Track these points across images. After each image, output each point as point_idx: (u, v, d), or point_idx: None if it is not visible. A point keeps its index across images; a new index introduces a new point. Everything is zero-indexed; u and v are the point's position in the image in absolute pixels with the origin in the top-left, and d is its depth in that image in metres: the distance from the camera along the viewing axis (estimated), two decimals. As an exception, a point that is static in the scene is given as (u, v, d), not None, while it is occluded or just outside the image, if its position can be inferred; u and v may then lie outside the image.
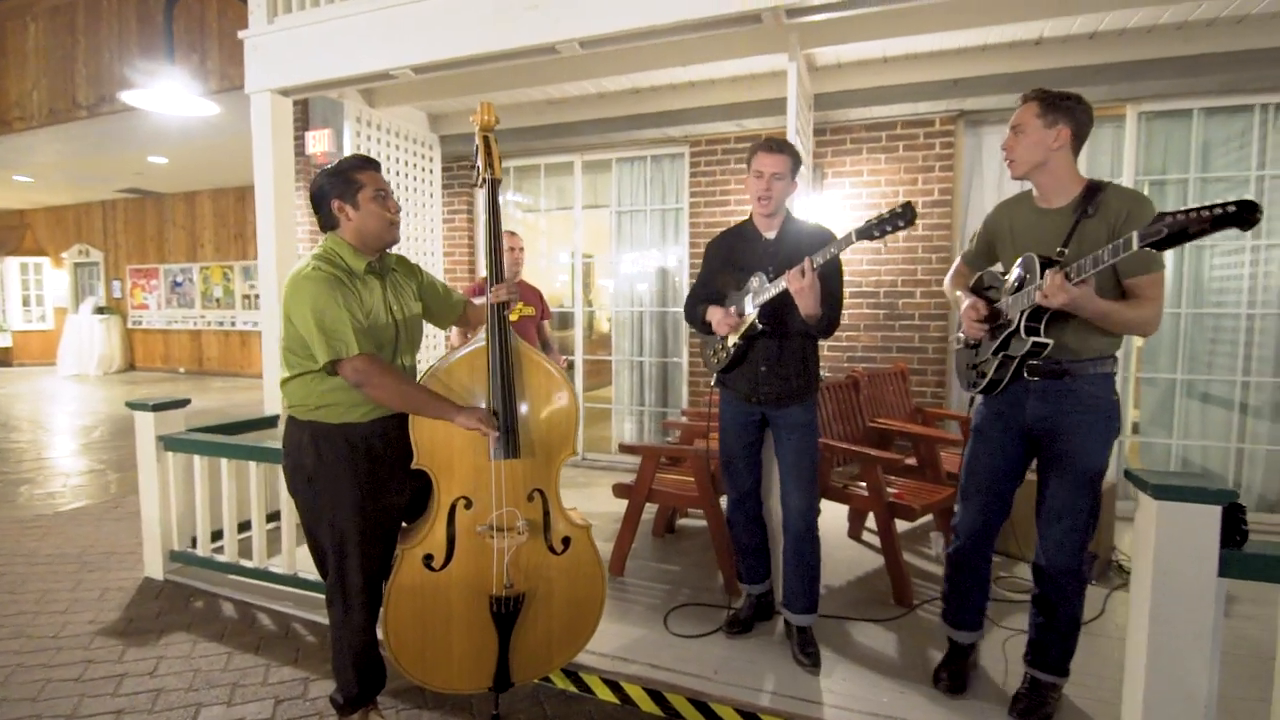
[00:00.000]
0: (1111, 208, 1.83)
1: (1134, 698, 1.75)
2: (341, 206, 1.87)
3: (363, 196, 1.86)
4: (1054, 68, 3.56)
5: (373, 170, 1.91)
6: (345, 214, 1.87)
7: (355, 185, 1.86)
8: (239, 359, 10.47)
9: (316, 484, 1.88)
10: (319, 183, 1.89)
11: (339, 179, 1.87)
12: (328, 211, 1.88)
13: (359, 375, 1.77)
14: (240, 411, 7.36)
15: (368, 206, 1.87)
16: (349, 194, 1.86)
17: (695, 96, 4.28)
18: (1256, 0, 2.99)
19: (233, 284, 10.37)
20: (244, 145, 3.69)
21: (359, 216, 1.87)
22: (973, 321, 2.03)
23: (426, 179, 4.84)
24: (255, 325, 10.22)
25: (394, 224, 1.92)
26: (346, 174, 1.87)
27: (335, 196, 1.87)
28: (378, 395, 1.82)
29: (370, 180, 1.88)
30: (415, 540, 1.96)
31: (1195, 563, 1.66)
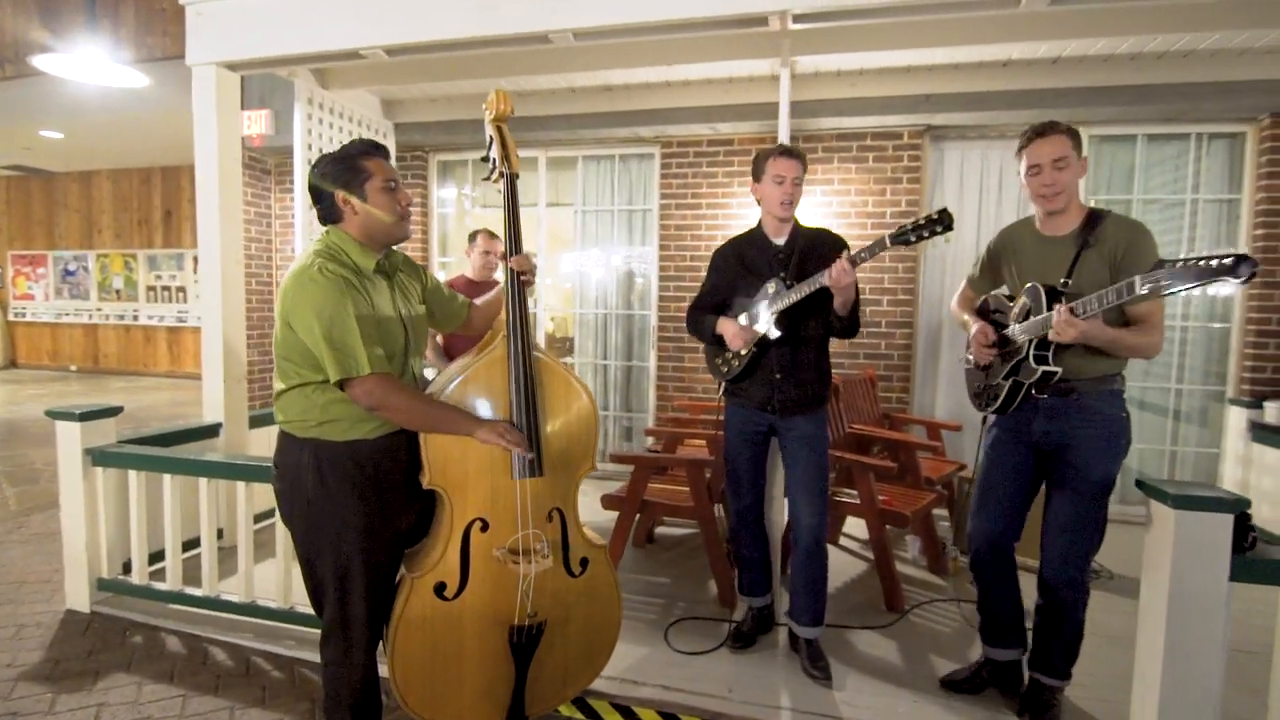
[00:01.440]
0: (1111, 238, 1.90)
1: (1149, 699, 1.81)
2: (346, 198, 1.67)
3: (370, 187, 1.67)
4: (1018, 89, 3.73)
5: (381, 158, 1.71)
6: (350, 206, 1.67)
7: (362, 174, 1.66)
8: (142, 356, 9.54)
9: (317, 509, 1.67)
10: (321, 170, 1.68)
11: (343, 167, 1.67)
12: (330, 203, 1.68)
13: (372, 399, 1.59)
14: (150, 415, 6.69)
15: (376, 198, 1.67)
16: (355, 184, 1.66)
17: (669, 97, 4.22)
18: (1204, 37, 3.22)
19: (136, 274, 9.44)
20: (159, 122, 3.32)
21: (366, 210, 1.67)
22: (982, 347, 2.08)
23: (380, 169, 4.54)
24: (162, 320, 9.36)
25: (405, 219, 1.73)
26: (352, 161, 1.67)
27: (339, 186, 1.66)
28: (392, 416, 1.65)
29: (379, 169, 1.68)
30: (425, 567, 1.78)
31: (1210, 569, 1.73)
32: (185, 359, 9.31)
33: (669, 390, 4.67)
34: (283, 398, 1.68)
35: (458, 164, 5.16)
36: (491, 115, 2.00)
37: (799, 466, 2.31)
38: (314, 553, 1.71)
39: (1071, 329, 1.76)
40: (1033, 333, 1.91)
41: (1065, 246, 1.96)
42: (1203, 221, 3.86)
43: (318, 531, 1.68)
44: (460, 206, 5.30)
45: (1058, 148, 1.92)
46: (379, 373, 1.58)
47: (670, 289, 4.65)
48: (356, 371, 1.56)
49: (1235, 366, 3.85)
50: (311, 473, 1.66)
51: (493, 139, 2.00)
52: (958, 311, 2.31)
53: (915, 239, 1.98)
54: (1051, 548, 2.01)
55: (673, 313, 4.65)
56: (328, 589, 1.71)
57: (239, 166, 3.34)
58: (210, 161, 3.21)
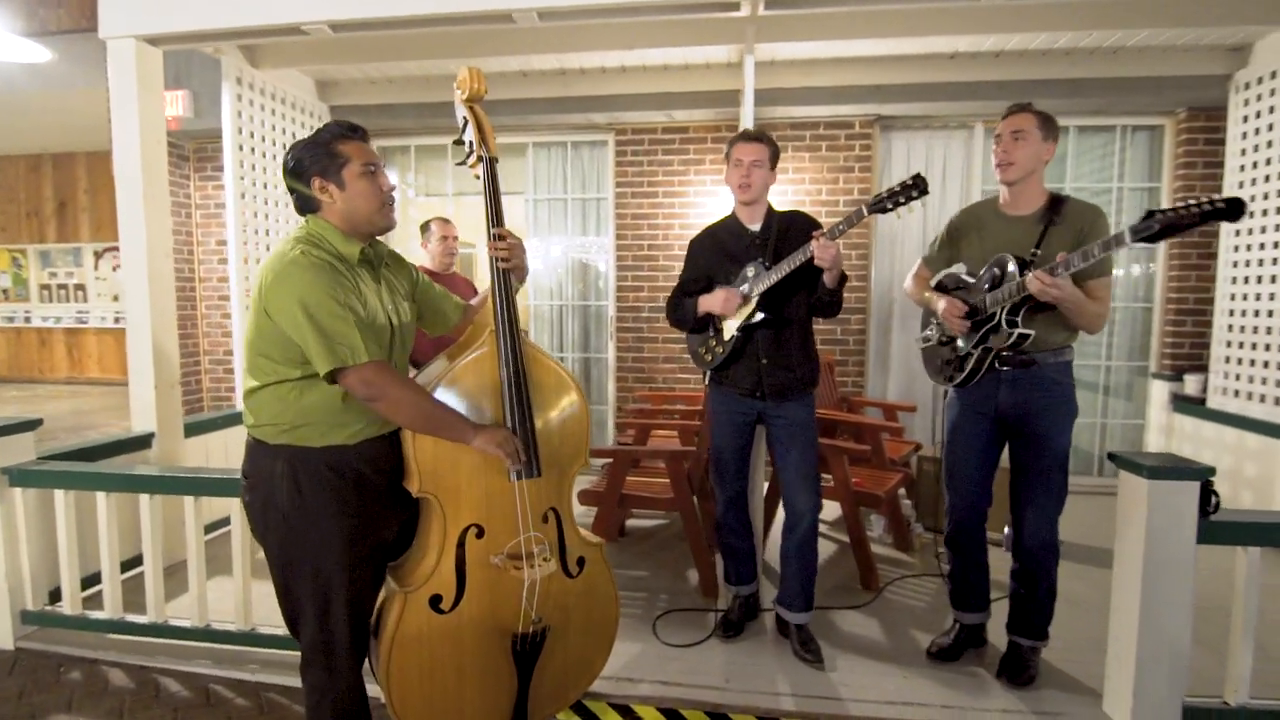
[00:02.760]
0: (1075, 218, 2.01)
1: (1125, 655, 1.93)
2: (324, 185, 1.53)
3: (349, 173, 1.54)
4: (963, 80, 3.86)
5: (358, 141, 1.58)
6: (328, 194, 1.54)
7: (339, 159, 1.53)
8: (37, 362, 8.68)
9: (294, 523, 1.53)
10: (295, 157, 1.54)
11: (319, 152, 1.53)
12: (306, 191, 1.54)
13: (371, 388, 1.47)
14: (54, 426, 6.09)
15: (355, 184, 1.54)
16: (332, 170, 1.53)
17: (625, 83, 4.14)
18: (1133, 34, 3.43)
19: (26, 272, 8.55)
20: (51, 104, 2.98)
21: (345, 197, 1.54)
22: (955, 318, 2.13)
23: (316, 155, 4.25)
24: (59, 321, 8.53)
25: (388, 205, 1.60)
26: (328, 146, 1.54)
27: (315, 173, 1.53)
28: (391, 412, 1.52)
29: (357, 153, 1.55)
30: (416, 580, 1.67)
31: (1179, 533, 1.85)
32: (88, 363, 8.54)
33: (629, 381, 4.63)
34: (254, 398, 1.54)
35: (398, 150, 4.91)
36: (464, 95, 1.88)
37: (793, 453, 2.31)
38: (291, 572, 1.57)
39: (1056, 289, 1.84)
40: (1005, 298, 1.98)
41: (1030, 224, 2.05)
42: (1127, 208, 4.13)
43: (295, 548, 1.55)
44: (403, 195, 5.05)
45: (1019, 122, 2.03)
46: (377, 360, 1.47)
47: (628, 279, 4.59)
48: (352, 359, 1.43)
49: (1157, 343, 4.16)
50: (286, 483, 1.52)
51: (467, 121, 1.89)
52: (915, 290, 2.35)
53: (892, 205, 2.00)
54: (1024, 514, 2.11)
55: (631, 303, 4.60)
56: (307, 610, 1.58)
57: (164, 151, 3.04)
58: (131, 146, 2.90)
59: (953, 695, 2.12)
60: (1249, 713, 1.91)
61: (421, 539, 1.75)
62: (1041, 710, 2.05)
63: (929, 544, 3.38)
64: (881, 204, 2.01)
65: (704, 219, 4.45)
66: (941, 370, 2.24)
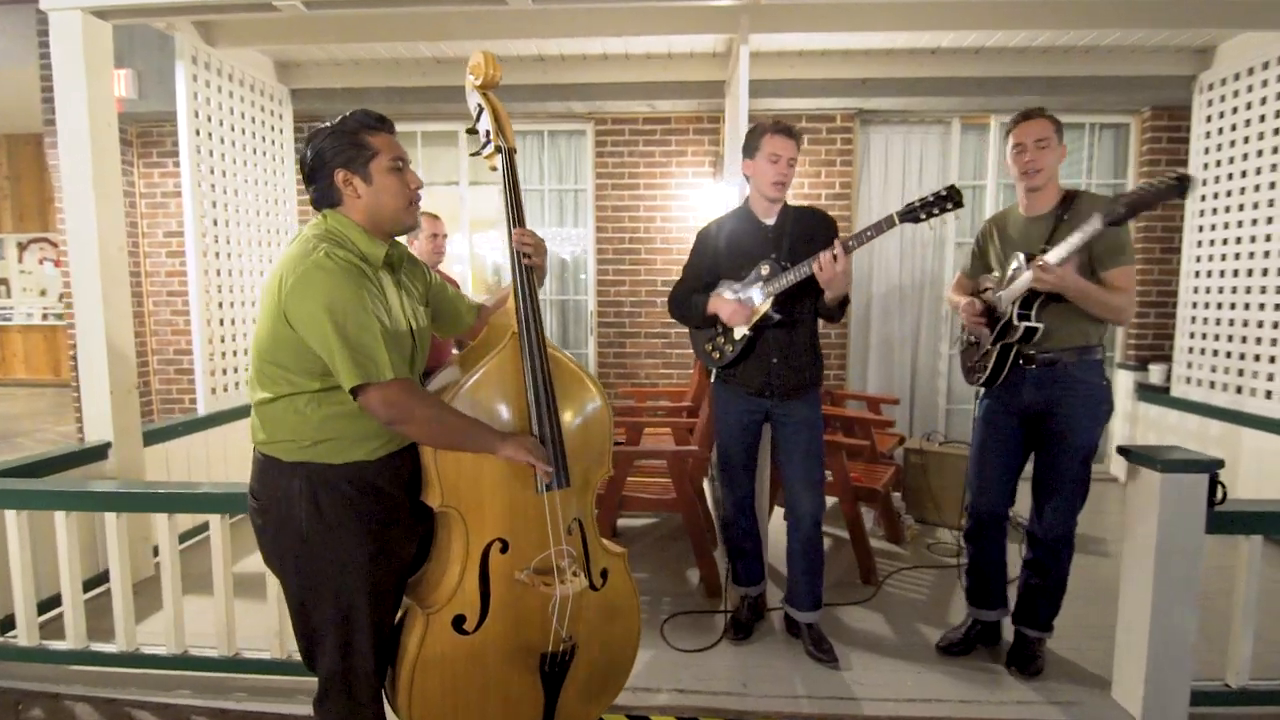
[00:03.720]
0: (1085, 211, 2.01)
1: (1137, 644, 1.96)
2: (348, 178, 1.40)
3: (376, 166, 1.41)
4: (944, 76, 3.90)
5: (387, 133, 1.45)
6: (353, 188, 1.41)
7: (367, 151, 1.41)
8: (-48, 363, 7.99)
9: (314, 545, 1.41)
10: (318, 146, 1.40)
11: (345, 142, 1.40)
12: (328, 183, 1.41)
13: (394, 410, 1.35)
14: (-21, 433, 5.60)
15: (383, 180, 1.42)
16: (358, 162, 1.40)
17: (607, 70, 4.02)
18: (1107, 34, 3.52)
19: (-63, 264, 7.84)
20: None
21: (371, 193, 1.42)
22: (971, 317, 2.16)
23: (275, 140, 4.00)
24: (-23, 318, 7.86)
25: (415, 204, 1.49)
26: (355, 135, 1.40)
27: (340, 165, 1.40)
28: (414, 433, 1.42)
29: (386, 145, 1.43)
30: (439, 600, 1.56)
31: (1190, 523, 1.89)
32: (13, 363, 7.91)
33: (610, 378, 4.54)
34: (266, 410, 1.40)
35: (364, 137, 4.66)
36: (478, 81, 1.76)
37: (799, 451, 2.28)
38: (310, 598, 1.45)
39: (1048, 274, 1.89)
40: (1016, 293, 2.01)
41: (1045, 222, 2.09)
42: (1095, 204, 4.26)
43: (315, 573, 1.43)
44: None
45: (1041, 129, 2.04)
46: (402, 378, 1.35)
47: (609, 272, 4.49)
48: (377, 376, 1.32)
49: (1122, 334, 4.32)
50: (306, 503, 1.40)
51: (483, 109, 1.76)
52: (952, 297, 2.39)
53: (925, 216, 1.98)
54: (1045, 507, 2.14)
55: (612, 297, 4.50)
56: (326, 639, 1.46)
57: (115, 135, 2.79)
58: (78, 130, 2.64)
59: (968, 690, 2.14)
60: (1250, 693, 1.98)
61: (441, 555, 1.64)
62: (1054, 701, 2.08)
63: (919, 535, 3.43)
64: (914, 213, 1.97)
65: (687, 212, 4.41)
66: (971, 371, 2.26)
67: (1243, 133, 3.44)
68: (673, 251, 4.43)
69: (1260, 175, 3.34)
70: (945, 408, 4.58)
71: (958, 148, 4.34)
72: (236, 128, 3.62)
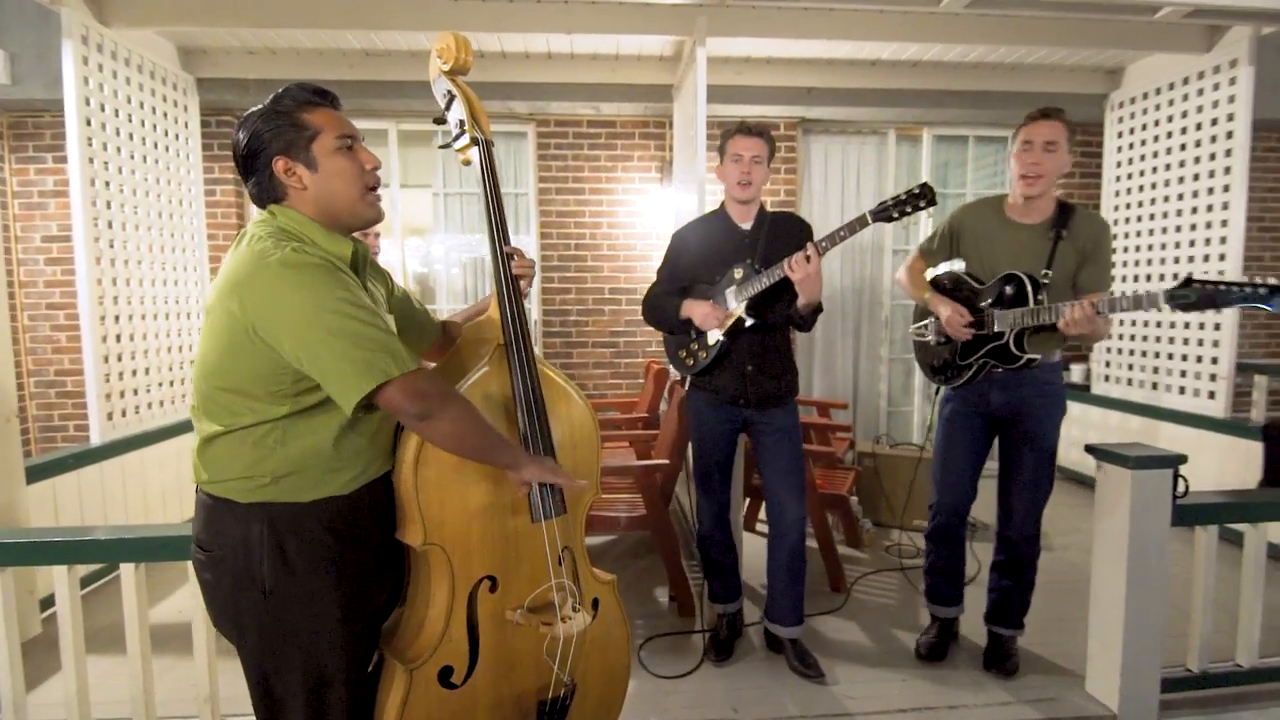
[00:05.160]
0: (1082, 232, 2.03)
1: (1111, 636, 2.01)
2: (290, 166, 1.19)
3: (320, 148, 1.19)
4: (882, 88, 4.01)
5: (328, 108, 1.24)
6: (297, 177, 1.19)
7: (306, 131, 1.19)
8: None
9: (280, 600, 1.19)
10: (250, 130, 1.18)
11: (280, 124, 1.18)
12: (267, 175, 1.19)
13: (424, 401, 1.15)
14: None
15: (330, 162, 1.20)
16: (298, 146, 1.18)
17: (551, 70, 3.88)
18: (1033, 51, 3.72)
19: None
20: None
21: (319, 180, 1.20)
22: (961, 328, 2.11)
23: (179, 134, 3.59)
24: None
25: (373, 189, 1.27)
26: (290, 115, 1.18)
27: (279, 152, 1.18)
28: (444, 431, 1.21)
29: (329, 122, 1.21)
30: (422, 651, 1.37)
31: (1157, 516, 1.96)
32: None
33: (557, 388, 4.36)
34: (213, 447, 1.18)
35: (281, 134, 4.28)
36: (447, 66, 1.59)
37: (780, 460, 2.22)
38: (274, 663, 1.23)
39: (1090, 324, 1.85)
40: (1021, 322, 1.98)
41: (1039, 235, 2.05)
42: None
43: (280, 633, 1.22)
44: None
45: (1053, 131, 1.97)
46: (422, 367, 1.17)
47: (554, 280, 4.33)
48: (396, 369, 1.12)
49: (1044, 336, 4.58)
50: (268, 551, 1.19)
51: (454, 96, 1.60)
52: (910, 284, 2.30)
53: (898, 215, 1.95)
54: (1012, 507, 2.17)
55: (558, 305, 4.34)
56: (294, 707, 1.25)
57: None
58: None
59: (953, 694, 2.13)
60: (1210, 677, 2.08)
61: (421, 599, 1.44)
62: (1034, 698, 2.11)
63: (875, 538, 3.46)
64: (886, 212, 1.95)
65: (634, 218, 4.32)
66: (939, 371, 2.25)
67: (1151, 148, 3.72)
68: (620, 258, 4.32)
69: (1168, 187, 3.62)
70: (886, 410, 4.71)
71: (893, 158, 4.48)
72: (134, 119, 3.21)
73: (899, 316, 4.66)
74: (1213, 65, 3.31)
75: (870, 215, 1.97)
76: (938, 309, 2.18)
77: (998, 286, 2.08)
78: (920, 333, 2.33)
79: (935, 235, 2.30)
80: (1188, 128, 3.48)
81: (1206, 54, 3.33)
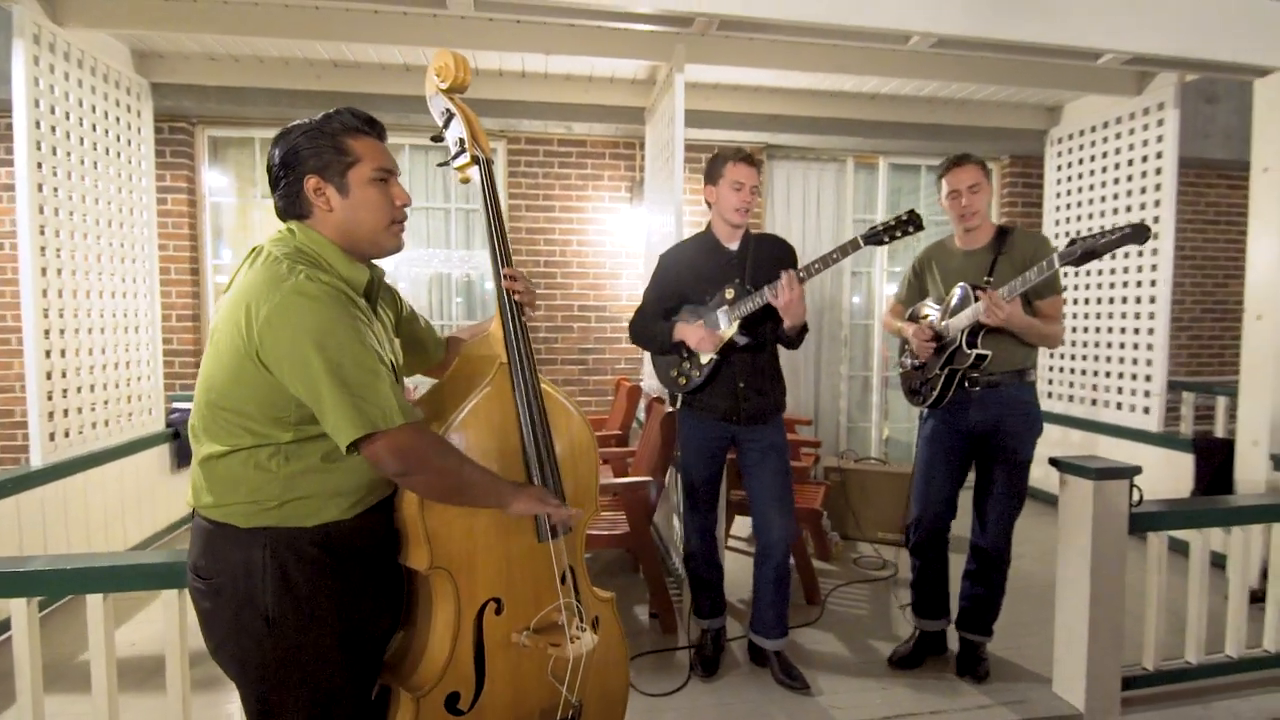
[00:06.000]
0: (1020, 247, 2.23)
1: (1077, 640, 2.13)
2: (320, 186, 1.18)
3: (355, 176, 1.19)
4: (841, 117, 4.20)
5: (373, 138, 1.24)
6: (325, 199, 1.19)
7: (346, 157, 1.19)
8: None
9: (283, 628, 1.15)
10: (290, 144, 1.17)
11: (321, 144, 1.17)
12: (296, 190, 1.18)
13: (408, 461, 1.14)
14: None
15: (363, 193, 1.20)
16: (335, 169, 1.18)
17: (523, 89, 3.89)
18: (982, 88, 3.97)
19: None
20: None
21: (347, 207, 1.20)
22: (923, 342, 2.26)
23: (132, 140, 3.43)
24: None
25: (398, 223, 1.27)
26: (334, 138, 1.18)
27: (313, 171, 1.17)
28: (425, 484, 1.21)
29: (370, 153, 1.21)
30: (428, 678, 1.34)
31: (1117, 524, 2.10)
32: None
33: (526, 406, 4.32)
34: (218, 466, 1.14)
35: (240, 142, 4.15)
36: (445, 85, 1.60)
37: (767, 476, 2.27)
38: (277, 694, 1.19)
39: (999, 309, 2.03)
40: (965, 322, 2.15)
41: (982, 255, 2.25)
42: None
43: (284, 661, 1.18)
44: (245, 195, 4.27)
45: (972, 175, 2.22)
46: (412, 421, 1.15)
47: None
48: (385, 423, 1.11)
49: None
50: (271, 577, 1.15)
51: (453, 114, 1.60)
52: (891, 323, 2.51)
53: (888, 239, 2.07)
54: (986, 519, 2.29)
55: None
56: (296, 734, 1.20)
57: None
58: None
59: (932, 700, 2.21)
60: (1163, 673, 2.22)
61: (425, 624, 1.41)
62: (1006, 701, 2.20)
63: (844, 551, 3.56)
64: (877, 236, 2.05)
65: (604, 236, 4.36)
66: (917, 393, 2.36)
67: (1088, 180, 4.01)
68: (589, 276, 4.34)
69: (1104, 218, 3.91)
70: (846, 426, 4.85)
71: (851, 184, 4.68)
72: (85, 123, 3.05)
73: (858, 336, 4.83)
74: (1142, 107, 3.62)
75: (862, 239, 2.07)
76: (905, 334, 2.36)
77: (948, 300, 2.25)
78: (901, 364, 2.46)
79: (903, 282, 2.51)
80: (1120, 163, 3.78)
81: (1137, 97, 3.64)
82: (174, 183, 3.90)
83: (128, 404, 3.35)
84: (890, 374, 4.78)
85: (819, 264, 2.08)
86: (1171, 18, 2.79)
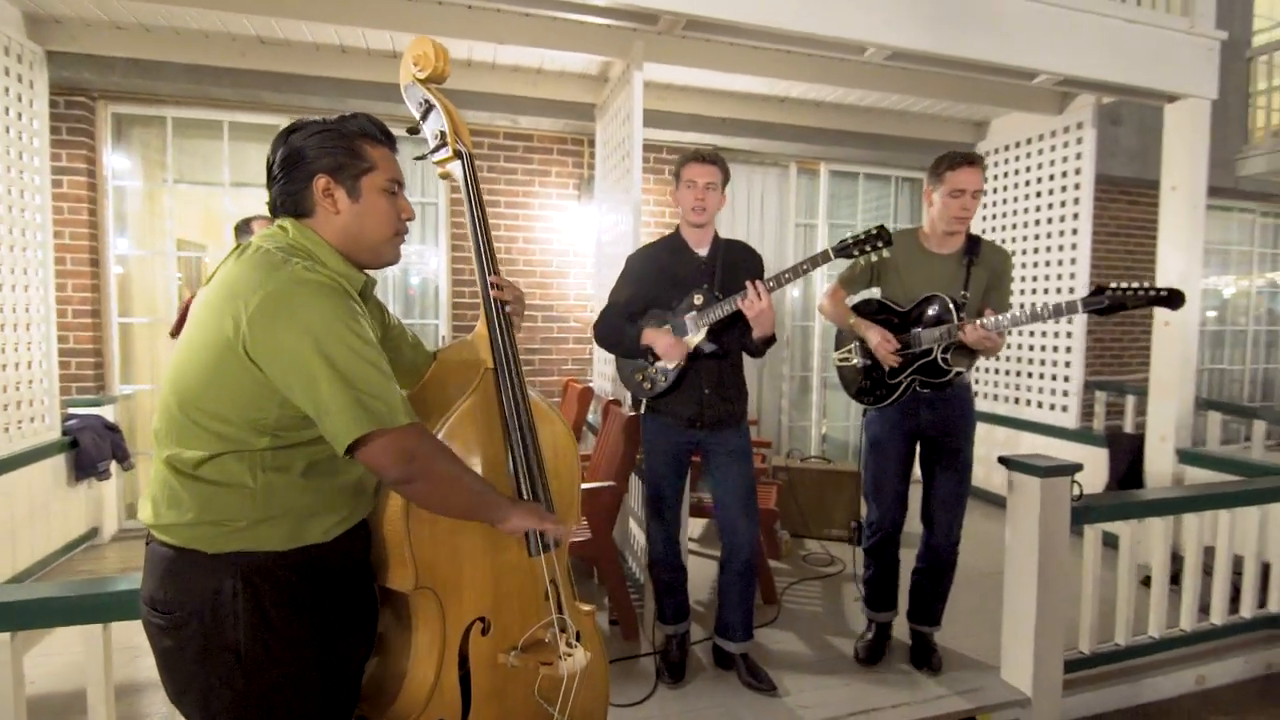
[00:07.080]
0: (989, 259, 2.30)
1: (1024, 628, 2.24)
2: (330, 188, 1.11)
3: (368, 183, 1.14)
4: (787, 123, 4.28)
5: (388, 148, 1.18)
6: (332, 201, 1.11)
7: (362, 163, 1.13)
8: None
9: (254, 663, 1.04)
10: (302, 140, 1.09)
11: (336, 146, 1.11)
12: (303, 187, 1.10)
13: (411, 464, 1.05)
14: None
15: (372, 200, 1.14)
16: (348, 172, 1.12)
17: (466, 78, 3.73)
18: (918, 101, 4.15)
19: None
20: None
21: (354, 212, 1.13)
22: (890, 354, 2.27)
23: (23, 113, 3.05)
24: None
25: (400, 236, 1.21)
26: (351, 141, 1.12)
27: (325, 170, 1.10)
28: (425, 492, 1.12)
29: (384, 163, 1.16)
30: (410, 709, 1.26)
31: (1060, 518, 2.23)
32: None
33: (469, 408, 4.16)
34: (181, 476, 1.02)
35: (148, 120, 3.77)
36: (424, 74, 1.50)
37: (731, 481, 2.26)
38: (248, 734, 1.06)
39: (989, 340, 2.11)
40: (941, 338, 2.20)
41: (953, 263, 2.29)
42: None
43: (257, 701, 1.06)
44: (153, 179, 3.88)
45: (980, 178, 2.20)
46: (416, 422, 1.06)
47: (465, 294, 4.15)
48: (390, 420, 1.02)
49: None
50: (243, 608, 1.03)
51: (433, 106, 1.51)
52: (834, 310, 2.45)
53: (858, 252, 2.09)
54: (936, 518, 2.37)
55: (469, 321, 4.16)
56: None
57: None
58: None
59: (894, 694, 2.27)
60: (1098, 656, 2.38)
61: (405, 650, 1.31)
62: (962, 689, 2.30)
63: (793, 549, 3.62)
64: (848, 249, 2.07)
65: (551, 234, 4.26)
66: (867, 392, 2.40)
67: (1013, 193, 4.26)
68: (536, 274, 4.23)
69: (1027, 229, 4.17)
70: (788, 425, 4.96)
71: (794, 189, 4.78)
72: (-35, 92, 2.69)
73: (798, 337, 4.95)
74: (1063, 125, 3.88)
75: (832, 251, 2.08)
76: (866, 334, 2.32)
77: (919, 308, 2.28)
78: (845, 358, 2.48)
79: (854, 264, 2.45)
80: (1043, 178, 4.04)
81: (1058, 115, 3.90)
82: (71, 163, 3.50)
83: (17, 410, 2.97)
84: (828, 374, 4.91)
85: (789, 274, 2.09)
86: (1098, 44, 3.00)
